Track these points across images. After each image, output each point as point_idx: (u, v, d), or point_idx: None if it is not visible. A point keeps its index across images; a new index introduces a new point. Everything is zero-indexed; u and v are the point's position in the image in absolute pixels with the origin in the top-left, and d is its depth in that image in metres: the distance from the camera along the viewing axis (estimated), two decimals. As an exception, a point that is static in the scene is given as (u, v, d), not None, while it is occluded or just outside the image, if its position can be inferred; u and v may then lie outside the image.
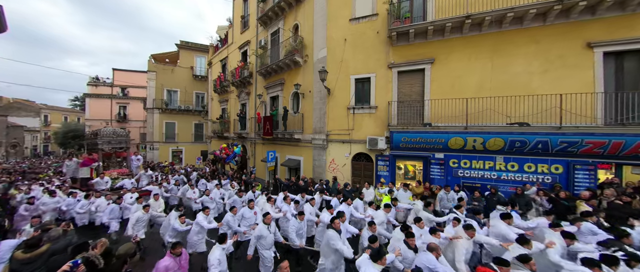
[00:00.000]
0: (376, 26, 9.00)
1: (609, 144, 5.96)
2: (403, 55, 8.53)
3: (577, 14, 6.46)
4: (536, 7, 6.55)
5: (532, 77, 6.94)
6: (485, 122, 7.13)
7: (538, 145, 6.55)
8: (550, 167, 6.71)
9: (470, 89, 7.55)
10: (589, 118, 6.25)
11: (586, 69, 6.47)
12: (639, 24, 6.10)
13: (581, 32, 6.52)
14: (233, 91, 17.00)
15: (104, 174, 9.94)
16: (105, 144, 10.70)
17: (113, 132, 11.06)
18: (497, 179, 7.18)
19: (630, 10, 6.11)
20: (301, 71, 11.14)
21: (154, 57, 23.09)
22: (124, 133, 11.54)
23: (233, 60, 16.94)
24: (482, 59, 7.52)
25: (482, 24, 7.30)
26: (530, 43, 7.02)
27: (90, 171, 9.60)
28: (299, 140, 10.82)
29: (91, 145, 11.05)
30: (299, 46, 11.06)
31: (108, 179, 9.69)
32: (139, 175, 10.68)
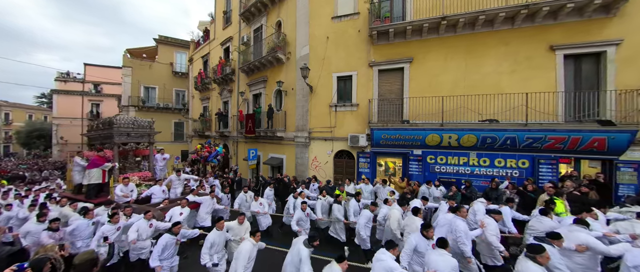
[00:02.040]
0: (357, 25, 9.10)
1: (568, 139, 6.42)
2: (383, 54, 8.69)
3: (541, 18, 6.91)
4: (505, 11, 6.93)
5: (502, 77, 7.34)
6: (460, 119, 7.44)
7: (507, 141, 6.92)
8: (518, 162, 7.12)
9: (445, 87, 7.84)
10: (552, 116, 6.71)
11: (549, 70, 6.93)
12: (594, 29, 6.63)
13: (545, 36, 6.98)
14: (215, 89, 16.52)
15: (128, 179, 6.97)
16: (122, 136, 7.61)
17: (133, 120, 7.96)
18: (471, 174, 7.51)
19: (586, 16, 6.63)
20: (284, 68, 11.03)
21: (130, 52, 21.89)
22: (147, 123, 8.37)
23: (215, 57, 16.45)
24: (457, 59, 7.84)
25: (457, 25, 7.60)
26: (500, 45, 7.42)
27: (102, 175, 6.71)
28: (282, 138, 10.71)
29: (101, 138, 7.90)
30: (282, 43, 10.95)
31: (133, 187, 6.88)
32: (169, 180, 7.52)
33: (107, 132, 7.67)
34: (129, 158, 8.66)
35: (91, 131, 8.44)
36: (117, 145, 7.63)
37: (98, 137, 8.08)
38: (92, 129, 8.39)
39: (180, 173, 7.71)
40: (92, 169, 6.63)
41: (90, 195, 6.67)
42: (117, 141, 7.57)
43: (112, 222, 4.66)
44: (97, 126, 8.23)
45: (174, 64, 22.41)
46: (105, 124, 7.90)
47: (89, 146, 8.47)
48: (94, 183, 6.68)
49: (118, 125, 7.57)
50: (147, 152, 8.78)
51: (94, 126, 8.34)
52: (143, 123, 8.22)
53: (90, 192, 6.68)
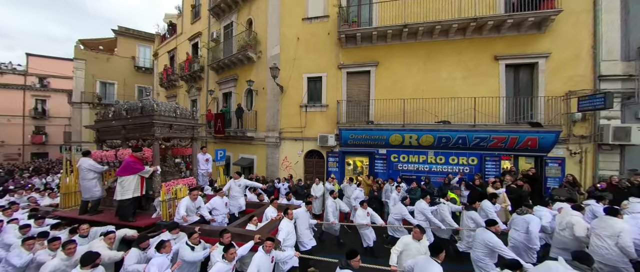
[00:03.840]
0: (327, 27, 9.33)
1: (508, 139, 7.28)
2: (351, 57, 9.02)
3: (487, 31, 7.74)
4: (457, 22, 7.64)
5: (455, 82, 8.07)
6: (419, 120, 8.01)
7: (459, 141, 7.64)
8: (468, 159, 7.89)
9: (407, 90, 8.39)
10: (495, 118, 7.55)
11: (493, 77, 7.79)
12: (529, 43, 7.61)
13: (490, 47, 7.84)
14: (182, 86, 15.67)
15: (197, 191, 4.96)
16: (164, 128, 5.38)
17: (174, 108, 5.79)
18: (429, 171, 8.14)
19: (523, 31, 7.57)
20: (255, 67, 10.88)
21: (83, 43, 19.81)
22: (189, 112, 6.30)
23: (182, 52, 15.60)
24: (418, 64, 8.44)
25: (417, 33, 8.19)
26: (454, 53, 8.15)
27: (140, 184, 4.92)
28: (253, 138, 10.55)
29: (127, 130, 5.49)
30: (253, 42, 10.79)
31: (201, 202, 4.95)
32: (228, 187, 5.68)
33: (144, 121, 5.15)
34: (168, 159, 6.25)
35: (105, 120, 5.80)
36: (159, 141, 5.31)
37: (118, 130, 5.55)
38: (106, 117, 5.83)
39: (239, 177, 5.92)
40: (126, 177, 4.68)
41: (127, 214, 4.73)
42: (159, 135, 5.21)
43: (228, 258, 3.28)
44: (115, 114, 5.63)
45: (136, 57, 20.78)
46: (136, 111, 5.36)
47: (98, 143, 6.02)
48: (131, 198, 4.73)
49: (160, 112, 5.29)
50: (189, 151, 6.56)
51: (110, 114, 5.74)
52: (185, 112, 6.10)
53: (125, 210, 4.73)
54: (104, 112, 5.88)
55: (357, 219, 5.48)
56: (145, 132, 5.29)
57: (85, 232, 4.15)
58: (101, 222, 4.79)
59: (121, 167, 4.79)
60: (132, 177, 4.77)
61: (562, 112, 7.25)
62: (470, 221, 4.91)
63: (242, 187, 5.82)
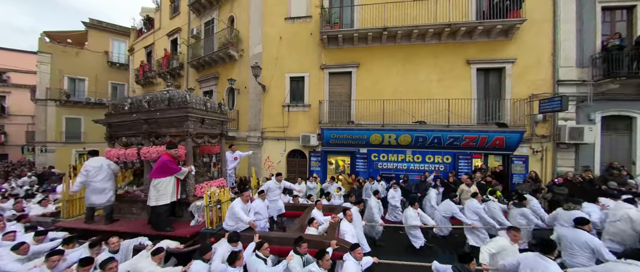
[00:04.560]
0: (310, 28, 9.38)
1: (478, 138, 7.75)
2: (333, 57, 9.15)
3: (460, 37, 8.18)
4: (433, 27, 8.01)
5: (431, 84, 8.45)
6: (398, 120, 8.30)
7: (434, 140, 8.01)
8: (443, 158, 8.30)
9: (387, 91, 8.65)
10: (467, 119, 8.01)
11: (466, 80, 8.25)
12: (498, 49, 8.14)
13: (463, 51, 8.29)
14: (160, 83, 15.02)
15: (248, 191, 4.59)
16: (197, 123, 4.79)
17: (204, 101, 5.14)
18: (407, 169, 8.46)
19: (493, 38, 8.09)
20: (237, 66, 10.70)
21: (49, 36, 18.35)
22: (215, 105, 5.57)
23: (160, 48, 14.95)
24: (397, 66, 8.73)
25: (396, 36, 8.47)
26: (430, 57, 8.52)
27: (176, 187, 4.31)
28: (234, 137, 10.36)
29: (151, 125, 4.77)
30: (235, 40, 10.60)
31: (251, 205, 4.52)
32: (266, 187, 5.40)
33: (176, 114, 4.49)
34: (197, 159, 5.52)
35: (121, 114, 4.90)
36: (192, 137, 4.65)
37: (139, 124, 4.75)
38: (121, 110, 4.93)
39: (280, 178, 5.52)
40: (161, 179, 4.05)
41: (163, 222, 4.11)
42: (193, 131, 4.61)
43: (324, 266, 2.96)
44: (133, 106, 4.80)
45: (110, 52, 19.59)
46: (161, 103, 4.63)
47: (110, 140, 5.15)
48: (168, 203, 4.12)
49: (193, 105, 4.65)
50: (217, 149, 5.85)
51: (126, 106, 4.88)
52: (214, 106, 5.50)
53: (161, 218, 4.10)
54: (117, 105, 5.03)
55: (408, 219, 5.23)
56: (175, 126, 4.58)
57: (116, 247, 3.46)
58: (122, 233, 3.99)
59: (155, 168, 4.13)
60: (168, 179, 4.10)
61: (526, 114, 7.84)
62: (521, 218, 4.85)
63: (281, 188, 5.52)
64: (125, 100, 5.02)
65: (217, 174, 5.91)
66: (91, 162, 4.51)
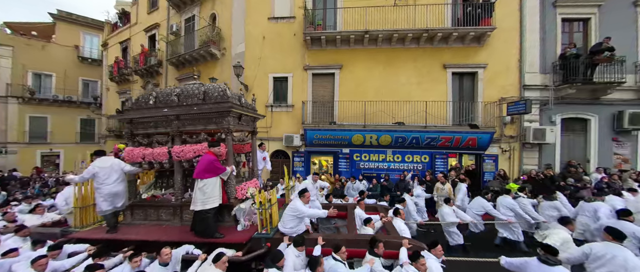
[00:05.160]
0: (293, 28, 9.40)
1: (453, 139, 8.18)
2: (317, 58, 9.24)
3: (437, 42, 8.57)
4: (412, 32, 8.33)
5: (411, 87, 8.79)
6: (379, 121, 8.55)
7: (413, 140, 8.34)
8: (421, 157, 8.66)
9: (369, 93, 8.87)
10: (443, 120, 8.42)
11: (442, 84, 8.67)
12: (471, 54, 8.63)
13: (440, 56, 8.70)
14: (137, 81, 14.34)
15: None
16: (234, 119, 4.33)
17: (239, 96, 4.75)
18: (388, 169, 8.73)
19: (466, 44, 8.56)
20: (219, 65, 10.47)
21: (11, 27, 16.89)
22: (250, 102, 5.24)
23: (137, 44, 14.25)
24: (378, 68, 8.99)
25: (377, 40, 8.72)
26: (410, 60, 8.86)
27: (222, 190, 3.95)
28: (216, 138, 10.14)
29: (187, 120, 4.29)
30: (217, 38, 10.37)
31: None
32: (317, 185, 5.32)
33: (215, 109, 4.10)
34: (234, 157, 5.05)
35: (146, 108, 4.40)
36: (232, 134, 4.34)
37: (167, 120, 4.29)
38: (144, 104, 4.42)
39: (317, 178, 5.48)
40: (208, 180, 3.69)
41: (211, 228, 3.74)
42: (233, 128, 4.27)
43: (420, 268, 2.89)
44: (158, 100, 4.35)
45: (81, 47, 18.37)
46: (194, 97, 4.24)
47: (131, 138, 4.56)
48: (214, 208, 3.75)
49: (232, 100, 4.23)
50: (248, 147, 5.36)
51: (151, 100, 4.36)
52: (247, 102, 5.07)
53: (208, 223, 3.73)
54: (139, 99, 4.56)
55: (445, 217, 5.17)
56: (214, 123, 4.18)
57: (168, 259, 3.14)
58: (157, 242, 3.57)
59: (201, 168, 3.70)
60: (214, 180, 3.74)
61: (496, 116, 8.39)
62: (553, 210, 5.10)
63: (318, 188, 5.37)
64: (149, 93, 4.51)
65: (248, 174, 5.42)
66: (99, 163, 4.03)
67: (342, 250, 3.10)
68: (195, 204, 3.68)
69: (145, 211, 4.43)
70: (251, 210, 4.06)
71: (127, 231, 4.10)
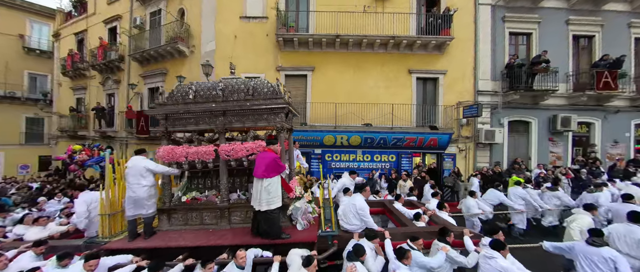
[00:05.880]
0: (266, 29, 9.38)
1: (417, 139, 8.78)
2: (289, 60, 9.32)
3: (403, 48, 9.13)
4: (380, 38, 8.78)
5: (379, 90, 9.25)
6: (349, 123, 8.88)
7: (380, 141, 8.81)
8: (388, 157, 9.17)
9: (340, 95, 9.16)
10: (408, 122, 9.00)
11: (407, 88, 9.26)
12: (433, 61, 9.32)
13: (405, 62, 9.28)
14: (95, 76, 13.21)
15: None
16: (284, 117, 4.32)
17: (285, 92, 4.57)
18: (358, 168, 9.06)
19: (429, 51, 9.23)
20: (187, 62, 10.07)
21: None
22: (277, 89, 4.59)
23: (95, 37, 13.10)
24: (349, 72, 9.32)
25: (348, 44, 9.05)
26: (378, 64, 9.32)
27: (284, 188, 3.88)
28: (184, 138, 9.74)
29: (235, 117, 4.09)
30: (185, 34, 9.96)
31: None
32: (342, 185, 5.44)
33: (267, 106, 3.96)
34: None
35: (190, 103, 4.09)
36: (284, 131, 4.24)
37: (210, 116, 4.07)
38: (182, 99, 4.12)
39: (354, 175, 5.74)
40: (272, 179, 3.53)
41: (278, 229, 3.64)
42: (286, 125, 4.23)
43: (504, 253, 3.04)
44: (199, 95, 4.08)
45: (27, 36, 16.40)
46: (241, 92, 4.05)
47: (167, 136, 4.29)
48: (279, 207, 3.62)
49: (283, 97, 4.10)
50: (286, 144, 4.99)
51: (191, 94, 4.07)
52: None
53: (274, 223, 3.61)
54: (174, 94, 4.20)
55: (470, 209, 5.57)
56: (265, 120, 4.05)
57: (244, 262, 3.00)
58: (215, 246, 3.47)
59: (265, 167, 3.52)
60: (276, 179, 3.61)
61: (454, 118, 9.17)
62: (556, 199, 5.86)
63: (354, 185, 5.44)
64: (188, 87, 4.16)
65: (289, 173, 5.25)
66: (129, 163, 3.80)
67: (418, 241, 3.31)
68: (260, 205, 3.49)
69: (185, 214, 4.13)
70: (306, 208, 4.00)
71: (169, 238, 3.78)
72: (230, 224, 4.07)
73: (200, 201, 4.19)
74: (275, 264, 3.05)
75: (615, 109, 9.45)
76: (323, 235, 3.65)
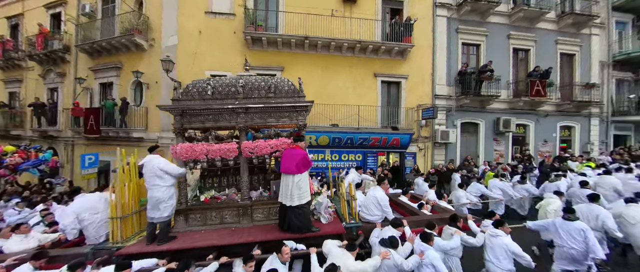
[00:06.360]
0: (234, 26, 9.15)
1: (381, 139, 9.31)
2: (258, 59, 9.21)
3: (369, 53, 9.60)
4: (347, 42, 9.13)
5: (347, 91, 9.61)
6: (317, 123, 9.08)
7: (347, 140, 9.16)
8: (355, 156, 9.57)
9: (309, 96, 9.07)
10: (373, 122, 9.49)
11: (373, 90, 9.76)
12: (396, 66, 9.94)
13: (371, 65, 9.77)
14: (33, 68, 11.59)
15: None
16: (301, 113, 4.33)
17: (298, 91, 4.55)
18: (326, 167, 9.34)
19: (393, 57, 9.82)
20: (146, 57, 9.38)
21: None
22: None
23: (33, 22, 11.49)
24: (318, 73, 9.52)
25: (317, 46, 9.24)
26: (346, 67, 9.67)
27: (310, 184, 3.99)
28: (142, 139, 9.08)
29: (256, 114, 4.17)
30: (143, 26, 9.27)
31: None
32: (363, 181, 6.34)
33: (291, 101, 4.16)
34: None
35: (206, 99, 4.03)
36: (305, 128, 4.33)
37: (230, 113, 4.02)
38: (199, 95, 4.05)
39: (361, 171, 6.73)
40: (302, 175, 3.67)
41: (308, 223, 3.79)
42: (304, 123, 4.30)
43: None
44: (217, 91, 4.05)
45: (-61, 17, 13.71)
46: (260, 90, 4.14)
47: (181, 132, 4.07)
48: (309, 201, 3.80)
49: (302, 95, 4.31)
50: (299, 147, 4.78)
51: (209, 90, 4.02)
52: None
53: (305, 217, 3.76)
54: (188, 89, 4.09)
55: (460, 199, 6.40)
56: (285, 117, 4.13)
57: (288, 257, 3.20)
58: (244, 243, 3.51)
59: (296, 163, 3.61)
60: (306, 174, 3.74)
61: (415, 120, 9.90)
62: (524, 191, 6.85)
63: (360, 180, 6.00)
64: (205, 83, 4.08)
65: None
66: (143, 161, 3.57)
67: (435, 228, 3.69)
68: (292, 200, 3.58)
69: (204, 214, 4.02)
70: (327, 203, 4.22)
71: (193, 238, 3.68)
72: (252, 221, 4.08)
73: (220, 200, 4.15)
74: (313, 256, 3.21)
75: (544, 113, 11.04)
76: (348, 226, 3.98)
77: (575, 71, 11.63)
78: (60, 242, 4.06)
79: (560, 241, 3.75)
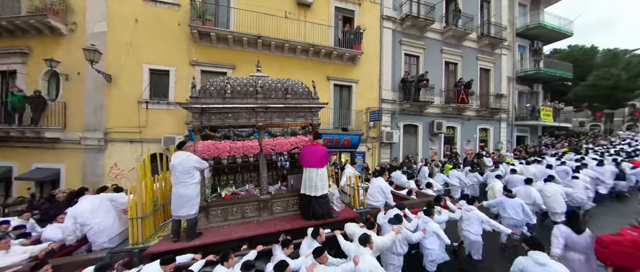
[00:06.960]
0: (178, 17, 8.48)
1: (333, 140, 9.79)
2: (206, 55, 8.73)
3: (322, 57, 10.00)
4: (301, 45, 9.34)
5: (301, 93, 9.81)
6: (271, 123, 9.06)
7: (301, 141, 9.36)
8: (309, 156, 9.83)
9: (262, 96, 9.22)
10: (327, 124, 9.92)
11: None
12: (348, 71, 10.57)
13: (325, 69, 10.19)
14: None
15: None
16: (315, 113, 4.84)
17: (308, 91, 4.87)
18: (280, 168, 9.38)
19: (344, 62, 10.43)
20: (65, 43, 7.96)
21: None
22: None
23: None
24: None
25: (271, 46, 9.21)
26: (301, 69, 9.87)
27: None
28: (58, 139, 7.69)
29: (279, 114, 4.42)
30: (62, 7, 7.85)
31: None
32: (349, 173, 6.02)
33: (307, 103, 4.57)
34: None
35: (223, 96, 4.11)
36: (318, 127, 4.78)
37: (249, 112, 4.23)
38: (224, 94, 4.11)
39: (355, 166, 7.34)
40: (323, 168, 4.25)
41: (329, 210, 4.31)
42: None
43: None
44: (235, 91, 4.20)
45: None
46: (278, 91, 4.44)
47: (200, 130, 4.15)
48: (327, 192, 4.28)
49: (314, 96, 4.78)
50: (319, 144, 5.14)
51: (228, 89, 4.14)
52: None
53: (326, 205, 4.29)
54: (205, 87, 4.17)
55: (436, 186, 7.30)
56: (301, 117, 4.56)
57: (323, 237, 3.57)
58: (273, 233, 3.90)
59: (321, 158, 4.16)
60: (325, 168, 4.24)
61: (364, 121, 10.69)
62: (475, 179, 8.73)
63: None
64: (225, 81, 4.22)
65: None
66: (174, 159, 3.58)
67: (439, 208, 4.66)
68: (316, 191, 4.03)
69: (225, 210, 4.17)
70: (337, 193, 4.75)
71: (221, 232, 3.86)
72: (272, 214, 4.36)
73: (240, 196, 4.35)
74: (340, 237, 3.63)
75: (468, 117, 13.14)
76: (360, 212, 4.65)
77: (491, 83, 14.15)
78: (54, 252, 3.74)
79: (505, 214, 5.07)
